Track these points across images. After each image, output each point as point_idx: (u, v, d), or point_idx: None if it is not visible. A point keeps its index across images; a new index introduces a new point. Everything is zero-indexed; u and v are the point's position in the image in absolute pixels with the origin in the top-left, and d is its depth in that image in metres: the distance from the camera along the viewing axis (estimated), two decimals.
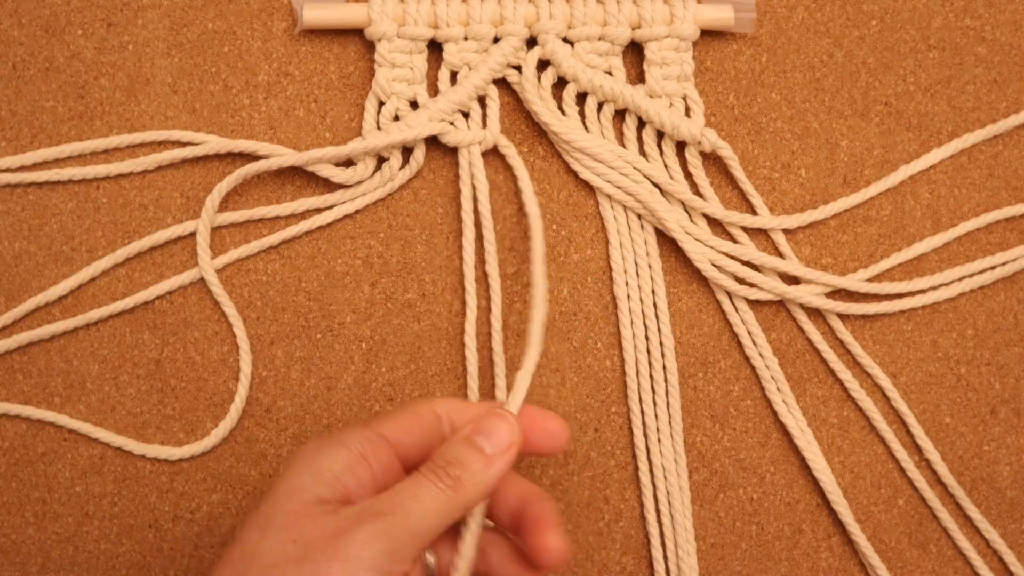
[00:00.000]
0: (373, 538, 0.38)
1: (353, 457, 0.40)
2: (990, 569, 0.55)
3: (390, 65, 0.53)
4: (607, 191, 0.54)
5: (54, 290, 0.52)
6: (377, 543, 0.38)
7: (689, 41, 0.54)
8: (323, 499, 0.39)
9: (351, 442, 0.41)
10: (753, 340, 0.55)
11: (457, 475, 0.40)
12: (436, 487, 0.40)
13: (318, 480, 0.40)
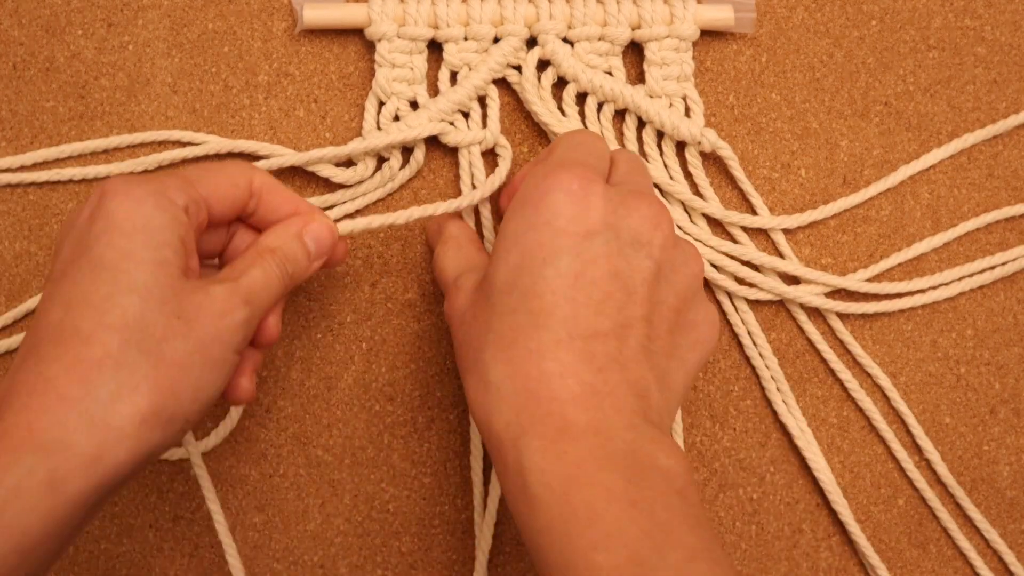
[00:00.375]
0: (243, 325, 0.41)
1: (184, 220, 0.41)
2: (990, 569, 0.55)
3: (390, 65, 0.53)
4: None
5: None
6: (245, 328, 0.41)
7: (689, 41, 0.54)
8: (182, 269, 0.40)
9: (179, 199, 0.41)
10: (753, 340, 0.55)
11: (291, 272, 0.44)
12: (280, 280, 0.44)
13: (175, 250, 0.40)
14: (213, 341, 0.40)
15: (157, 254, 0.40)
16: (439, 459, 0.54)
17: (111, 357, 0.38)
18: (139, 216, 0.40)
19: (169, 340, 0.39)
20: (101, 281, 0.39)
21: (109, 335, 0.38)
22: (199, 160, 0.54)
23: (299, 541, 0.53)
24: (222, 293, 0.41)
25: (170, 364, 0.39)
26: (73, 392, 0.37)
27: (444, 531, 0.53)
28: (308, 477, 0.53)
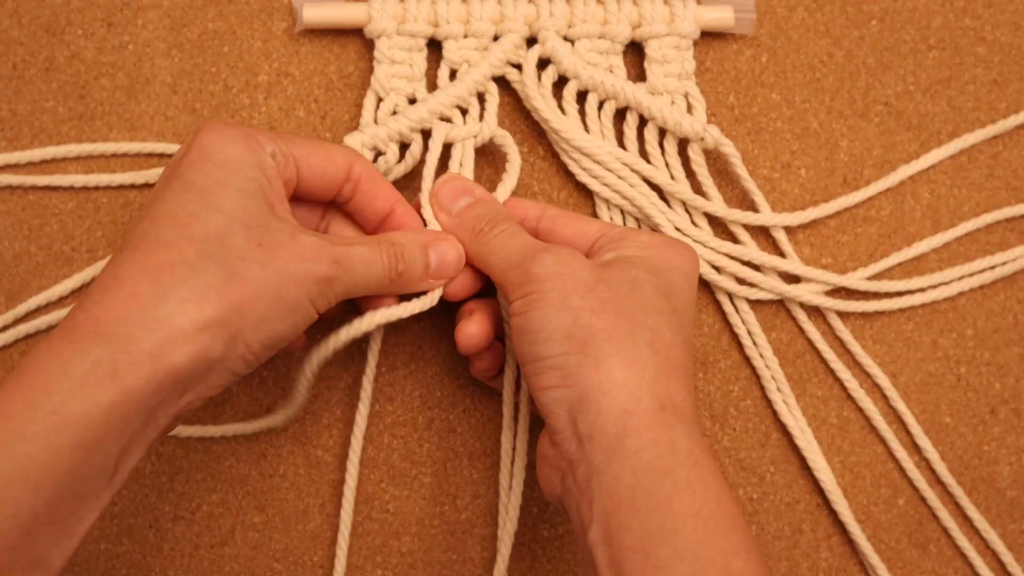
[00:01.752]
0: (324, 280, 0.42)
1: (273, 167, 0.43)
2: (989, 569, 0.55)
3: (389, 62, 0.53)
4: (604, 195, 0.54)
5: (55, 290, 0.52)
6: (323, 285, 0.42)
7: (690, 39, 0.54)
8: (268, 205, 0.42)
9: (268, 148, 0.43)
10: (753, 340, 0.55)
11: (402, 271, 0.45)
12: (384, 269, 0.45)
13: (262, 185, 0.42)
14: (290, 280, 0.41)
15: (246, 184, 0.41)
16: (439, 459, 0.54)
17: (185, 263, 0.39)
18: (229, 150, 0.42)
19: (246, 261, 0.40)
20: (189, 200, 0.41)
21: (187, 244, 0.39)
22: None
23: (299, 541, 0.53)
24: (312, 242, 0.42)
25: (243, 283, 0.40)
26: (142, 290, 0.38)
27: (444, 531, 0.53)
28: (308, 477, 0.53)
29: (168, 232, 0.40)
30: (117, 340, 0.37)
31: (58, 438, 0.36)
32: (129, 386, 0.37)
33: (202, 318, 0.38)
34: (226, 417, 0.53)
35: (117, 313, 0.38)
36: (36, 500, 0.36)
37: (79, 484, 0.37)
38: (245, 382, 0.53)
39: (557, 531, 0.53)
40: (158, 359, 0.38)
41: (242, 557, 0.52)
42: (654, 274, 0.45)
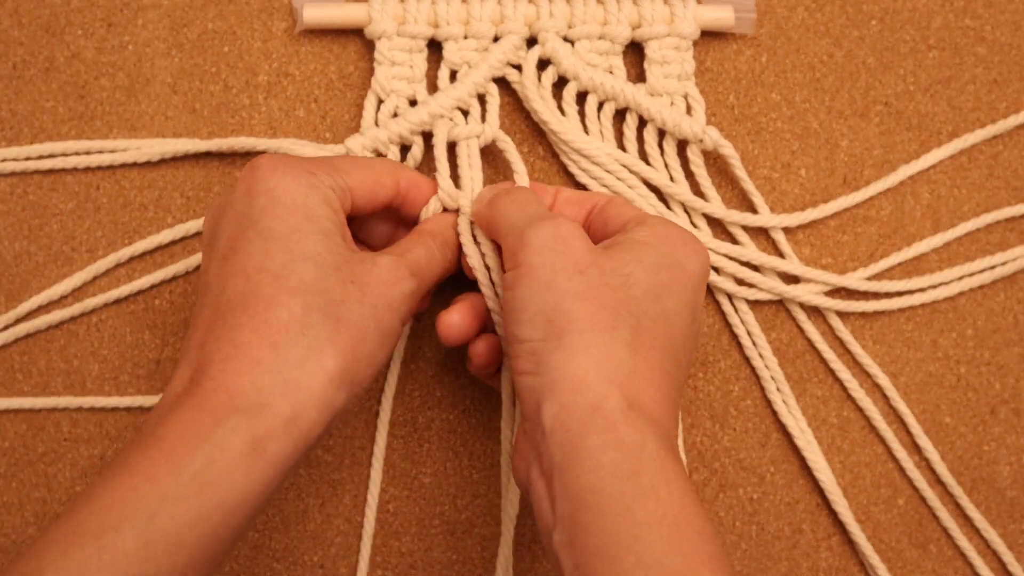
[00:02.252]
0: (411, 296, 0.43)
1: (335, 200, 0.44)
2: (989, 569, 0.55)
3: (390, 63, 0.53)
4: None
5: (55, 289, 0.52)
6: (412, 301, 0.44)
7: (690, 40, 0.54)
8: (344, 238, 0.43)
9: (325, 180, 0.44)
10: (753, 340, 0.55)
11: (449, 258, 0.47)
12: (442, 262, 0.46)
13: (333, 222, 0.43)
14: (385, 308, 0.42)
15: (320, 225, 0.42)
16: (439, 459, 0.54)
17: (296, 321, 0.40)
18: (297, 193, 0.42)
19: (346, 303, 0.41)
20: (275, 251, 0.41)
21: (292, 299, 0.40)
22: (199, 160, 0.54)
23: (299, 541, 0.53)
24: (389, 263, 0.43)
25: (349, 326, 0.40)
26: (265, 356, 0.39)
27: (444, 531, 0.53)
28: (308, 477, 0.53)
29: (268, 289, 0.40)
30: (252, 408, 0.38)
31: (199, 502, 0.37)
32: (269, 452, 0.38)
33: (325, 373, 0.40)
34: None
35: (246, 381, 0.39)
36: (176, 560, 0.36)
37: (216, 545, 0.38)
38: None
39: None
40: (293, 421, 0.39)
41: (242, 557, 0.52)
42: (653, 272, 0.43)
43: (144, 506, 0.36)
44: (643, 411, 0.40)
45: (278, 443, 0.38)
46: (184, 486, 0.37)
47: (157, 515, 0.36)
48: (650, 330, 0.42)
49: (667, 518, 0.38)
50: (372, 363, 0.41)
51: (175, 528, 0.36)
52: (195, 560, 0.37)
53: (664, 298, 0.42)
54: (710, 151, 0.54)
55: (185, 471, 0.37)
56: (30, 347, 0.53)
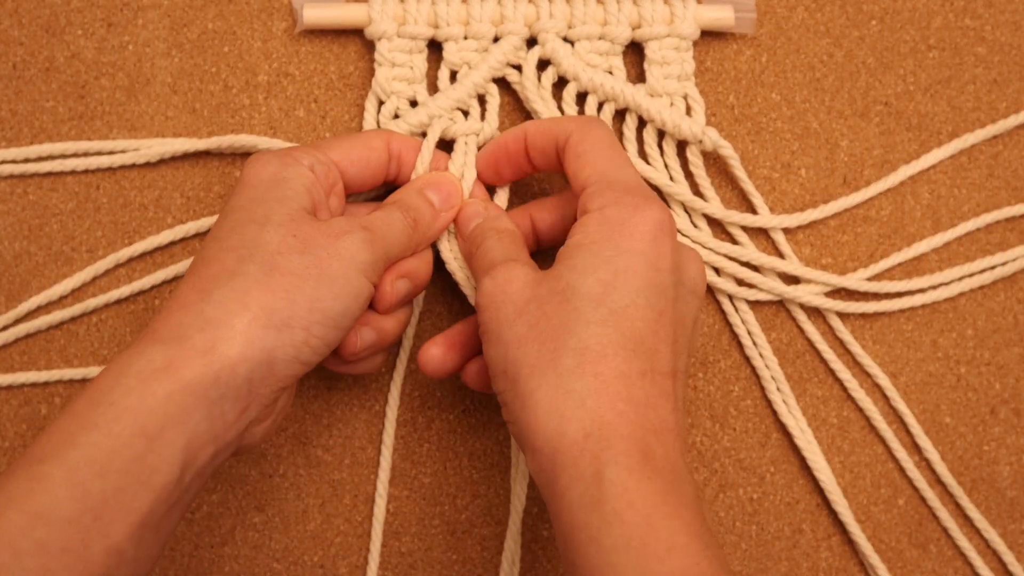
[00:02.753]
0: (364, 245, 0.44)
1: (311, 178, 0.45)
2: (989, 569, 0.55)
3: (390, 64, 0.53)
4: None
5: (55, 289, 0.52)
6: (366, 251, 0.44)
7: (690, 40, 0.54)
8: (304, 208, 0.44)
9: (305, 162, 0.46)
10: (753, 340, 0.55)
11: (414, 218, 0.47)
12: (401, 222, 0.46)
13: (296, 193, 0.44)
14: (330, 256, 0.43)
15: (278, 193, 0.44)
16: (439, 459, 0.54)
17: (227, 271, 0.42)
18: (265, 172, 0.45)
19: (283, 253, 0.42)
20: (226, 221, 0.44)
21: (227, 254, 0.42)
22: (199, 160, 0.54)
23: (299, 541, 0.53)
24: (339, 220, 0.45)
25: (283, 273, 0.42)
26: (192, 299, 0.41)
27: (444, 531, 0.53)
28: (308, 477, 0.53)
29: (210, 251, 0.43)
30: (170, 341, 0.40)
31: (119, 426, 0.38)
32: (184, 377, 0.39)
33: (248, 312, 0.41)
34: None
35: (170, 320, 0.41)
36: (104, 484, 0.38)
37: (147, 473, 0.38)
38: None
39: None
40: (210, 352, 0.40)
41: (242, 557, 0.52)
42: (590, 273, 0.42)
43: (67, 438, 0.38)
44: (603, 433, 0.39)
45: (194, 370, 0.39)
46: (103, 414, 0.39)
47: (78, 443, 0.38)
48: (599, 337, 0.41)
49: (633, 541, 0.38)
50: (315, 308, 0.42)
51: (98, 454, 0.38)
52: (125, 486, 0.38)
53: (608, 296, 0.42)
54: (710, 152, 0.54)
55: (104, 400, 0.39)
56: (30, 347, 0.53)
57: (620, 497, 0.38)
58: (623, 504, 0.38)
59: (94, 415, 0.39)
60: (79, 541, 0.37)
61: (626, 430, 0.40)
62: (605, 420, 0.40)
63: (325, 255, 0.43)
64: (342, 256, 0.43)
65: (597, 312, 0.41)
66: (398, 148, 0.49)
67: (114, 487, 0.38)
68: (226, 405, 0.41)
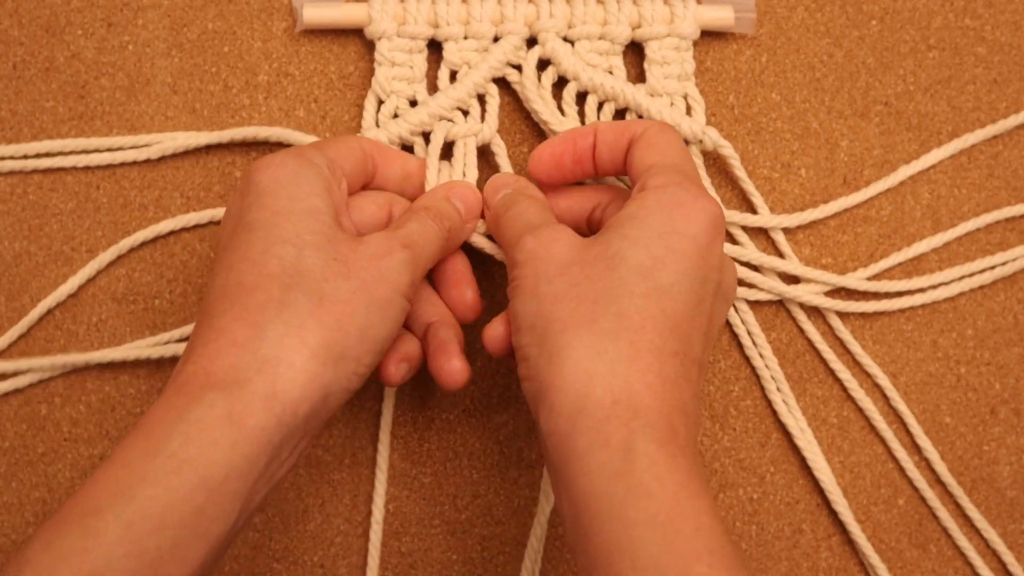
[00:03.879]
0: (406, 267, 0.43)
1: (328, 176, 0.44)
2: (989, 569, 0.55)
3: (390, 64, 0.53)
4: None
5: (62, 290, 0.52)
6: (408, 271, 0.43)
7: (690, 40, 0.54)
8: (333, 219, 0.43)
9: (319, 161, 0.44)
10: (753, 340, 0.55)
11: (448, 227, 0.47)
12: (438, 233, 0.46)
13: (323, 201, 0.43)
14: (375, 281, 0.41)
15: (306, 203, 0.42)
16: (439, 459, 0.54)
17: (274, 301, 0.39)
18: (283, 175, 0.43)
19: (329, 280, 0.40)
20: (255, 239, 0.41)
21: (270, 282, 0.40)
22: (199, 159, 0.54)
23: (299, 541, 0.53)
24: (379, 238, 0.43)
25: (333, 301, 0.40)
26: (243, 336, 0.39)
27: (444, 531, 0.53)
28: (308, 477, 0.53)
29: (248, 276, 0.40)
30: (229, 386, 0.38)
31: (178, 480, 0.36)
32: (248, 426, 0.38)
33: (306, 348, 0.39)
34: None
35: (224, 360, 0.39)
36: (161, 540, 0.36)
37: (206, 525, 0.37)
38: None
39: (557, 531, 0.53)
40: (273, 396, 0.38)
41: (242, 557, 0.52)
42: (641, 246, 0.41)
43: (123, 490, 0.36)
44: (632, 402, 0.39)
45: (258, 417, 0.38)
46: (161, 466, 0.37)
47: (135, 497, 0.36)
48: (640, 309, 0.40)
49: (660, 516, 0.37)
50: (366, 337, 0.41)
51: (156, 508, 0.36)
52: (182, 540, 0.36)
53: (657, 272, 0.41)
54: (710, 151, 0.54)
55: (161, 452, 0.37)
56: (30, 347, 0.53)
57: (648, 470, 0.37)
58: (651, 477, 0.37)
59: (152, 466, 0.37)
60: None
61: (655, 404, 0.39)
62: (635, 390, 0.39)
63: (371, 279, 0.41)
64: (387, 280, 0.42)
65: (642, 284, 0.41)
66: (370, 150, 0.48)
67: (171, 542, 0.36)
68: (285, 447, 0.39)
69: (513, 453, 0.54)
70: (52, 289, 0.53)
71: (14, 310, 0.53)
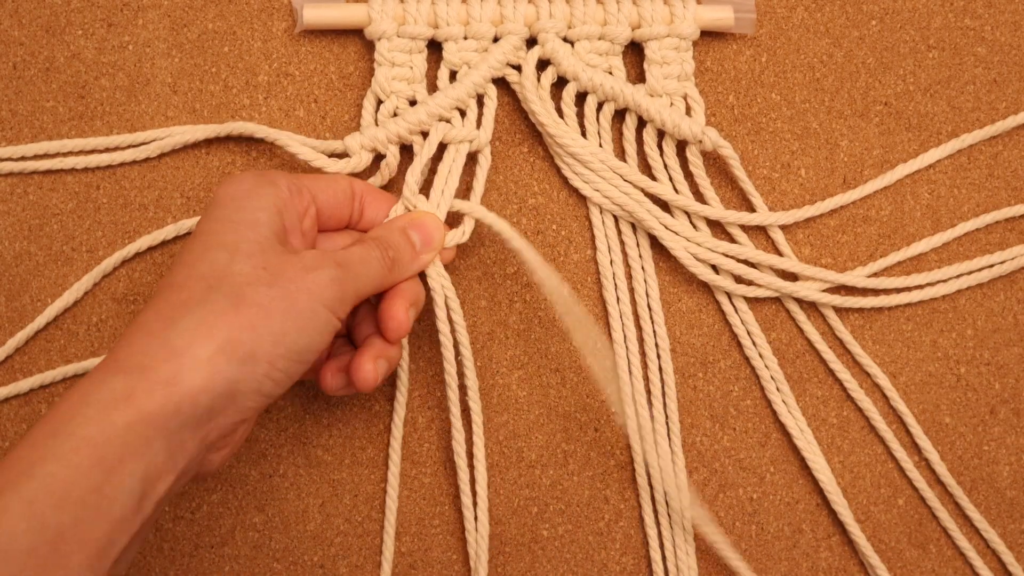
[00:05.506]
0: (333, 282, 0.43)
1: (286, 197, 0.45)
2: (989, 569, 0.55)
3: (389, 64, 0.53)
4: (596, 200, 0.54)
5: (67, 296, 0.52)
6: (335, 287, 0.43)
7: (689, 40, 0.54)
8: (276, 234, 0.44)
9: (281, 183, 0.46)
10: (753, 340, 0.55)
11: (393, 257, 0.47)
12: (379, 261, 0.47)
13: (269, 216, 0.44)
14: (299, 291, 0.42)
15: (249, 216, 0.43)
16: (439, 459, 0.54)
17: (194, 299, 0.41)
18: (238, 190, 0.44)
19: (252, 285, 0.42)
20: (197, 244, 0.43)
21: (196, 283, 0.41)
22: (199, 159, 0.54)
23: (299, 541, 0.53)
24: (313, 254, 0.44)
25: (250, 304, 0.41)
26: (157, 327, 0.40)
27: (444, 531, 0.53)
28: (308, 477, 0.53)
29: (179, 276, 0.42)
30: (133, 370, 0.39)
31: (77, 457, 0.37)
32: (144, 408, 0.39)
33: (213, 343, 0.40)
34: None
35: (133, 348, 0.40)
36: (62, 517, 0.37)
37: (105, 504, 0.38)
38: None
39: (557, 531, 0.53)
40: (172, 384, 0.39)
41: (242, 557, 0.52)
42: None
43: (25, 469, 0.37)
44: None
45: (156, 401, 0.39)
46: (62, 445, 0.38)
47: (36, 475, 0.37)
48: None
49: None
50: (281, 343, 0.41)
51: (57, 485, 0.37)
52: (83, 518, 0.37)
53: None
54: (710, 152, 0.54)
55: (63, 432, 0.38)
56: (30, 347, 0.53)
57: None
58: None
59: (53, 445, 0.38)
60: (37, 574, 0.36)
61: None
62: None
63: (294, 288, 0.42)
64: (310, 291, 0.43)
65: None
66: (361, 191, 0.49)
67: (72, 518, 0.37)
68: (186, 435, 0.40)
69: (513, 453, 0.54)
70: (52, 289, 0.53)
71: (14, 310, 0.53)
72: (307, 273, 0.43)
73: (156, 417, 0.39)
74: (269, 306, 0.41)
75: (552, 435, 0.54)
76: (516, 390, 0.54)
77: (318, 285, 0.43)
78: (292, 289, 0.42)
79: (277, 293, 0.42)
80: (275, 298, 0.42)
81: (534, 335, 0.54)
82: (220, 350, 0.40)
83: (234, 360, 0.40)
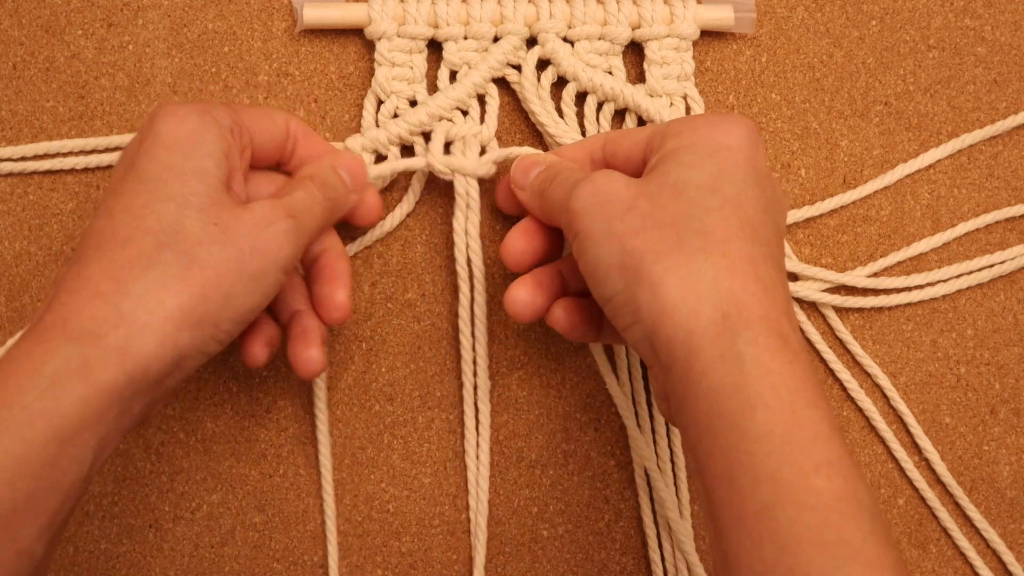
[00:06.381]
0: (288, 237, 0.43)
1: (229, 139, 0.44)
2: (989, 569, 0.55)
3: (390, 64, 0.53)
4: None
5: None
6: (290, 242, 0.43)
7: (689, 40, 0.54)
8: (223, 182, 0.42)
9: (224, 121, 0.44)
10: None
11: (332, 198, 0.46)
12: (322, 204, 0.46)
13: (216, 163, 0.42)
14: (252, 251, 0.41)
15: (197, 164, 0.42)
16: (439, 459, 0.54)
17: (144, 257, 0.40)
18: (182, 130, 0.42)
19: (205, 245, 0.40)
20: (141, 191, 0.41)
21: (144, 237, 0.40)
22: None
23: (299, 541, 0.53)
24: (263, 207, 0.43)
25: (203, 267, 0.40)
26: (106, 288, 0.39)
27: (444, 531, 0.53)
28: (308, 477, 0.53)
29: (125, 228, 0.40)
30: (85, 338, 0.38)
31: (31, 432, 0.37)
32: (100, 380, 0.38)
33: (165, 309, 0.39)
34: (226, 417, 0.53)
35: (83, 312, 0.39)
36: (15, 493, 0.36)
37: (58, 476, 0.37)
38: (245, 382, 0.53)
39: (557, 531, 0.54)
40: (126, 353, 0.38)
41: (242, 557, 0.52)
42: (697, 167, 0.42)
43: None
44: (740, 313, 0.39)
45: (110, 373, 0.38)
46: (15, 419, 0.37)
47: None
48: (720, 222, 0.41)
49: (777, 428, 0.37)
50: (230, 305, 0.41)
51: (10, 461, 0.36)
52: (36, 492, 0.37)
53: (721, 185, 0.41)
54: None
55: (16, 404, 0.37)
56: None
57: (763, 380, 0.37)
58: (766, 388, 0.37)
59: (6, 418, 0.37)
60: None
61: (762, 311, 0.39)
62: (740, 300, 0.39)
63: (248, 249, 0.41)
64: (266, 252, 0.42)
65: (712, 199, 0.41)
66: (296, 129, 0.48)
67: (25, 494, 0.37)
68: (136, 402, 0.40)
69: (513, 453, 0.54)
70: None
71: (14, 310, 0.53)
72: (261, 230, 0.42)
73: (111, 388, 0.38)
74: (221, 268, 0.40)
75: (552, 435, 0.54)
76: (516, 390, 0.54)
77: (274, 243, 0.42)
78: (246, 249, 0.41)
79: (230, 254, 0.41)
80: (228, 259, 0.41)
81: (534, 335, 0.54)
82: (170, 317, 0.39)
83: (184, 327, 0.40)
